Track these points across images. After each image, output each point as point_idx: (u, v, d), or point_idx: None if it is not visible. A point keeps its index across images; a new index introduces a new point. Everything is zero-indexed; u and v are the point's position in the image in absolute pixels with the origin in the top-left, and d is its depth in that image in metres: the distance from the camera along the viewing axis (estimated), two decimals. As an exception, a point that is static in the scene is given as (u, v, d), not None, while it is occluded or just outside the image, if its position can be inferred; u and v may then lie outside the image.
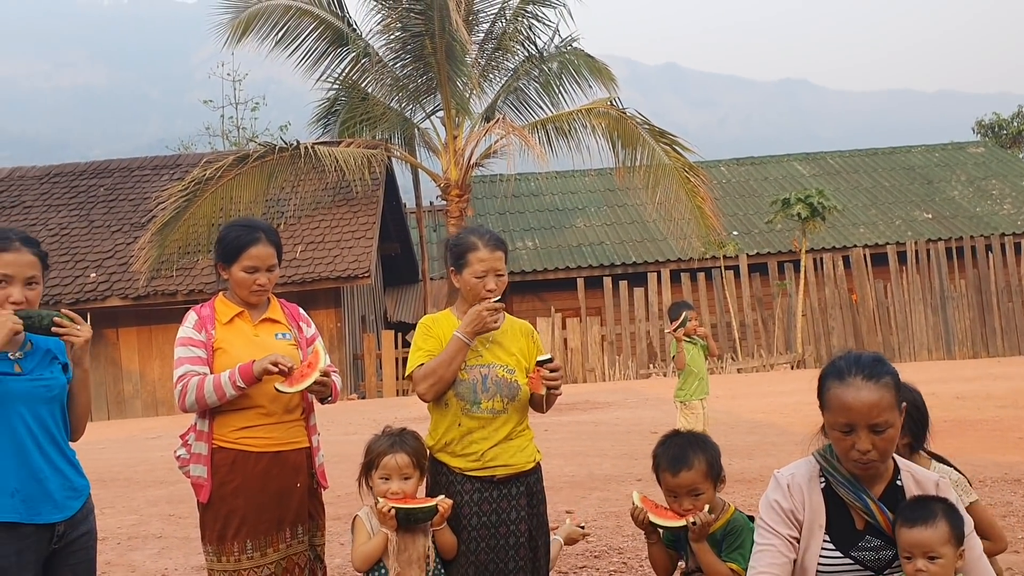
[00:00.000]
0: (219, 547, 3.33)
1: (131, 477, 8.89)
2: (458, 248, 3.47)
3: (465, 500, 3.27)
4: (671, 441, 3.12)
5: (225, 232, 3.52)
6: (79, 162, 21.50)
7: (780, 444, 8.78)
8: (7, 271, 2.82)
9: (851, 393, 2.44)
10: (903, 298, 19.95)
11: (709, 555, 2.98)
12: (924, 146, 27.69)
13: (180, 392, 3.30)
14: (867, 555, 2.49)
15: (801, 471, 2.62)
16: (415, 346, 3.41)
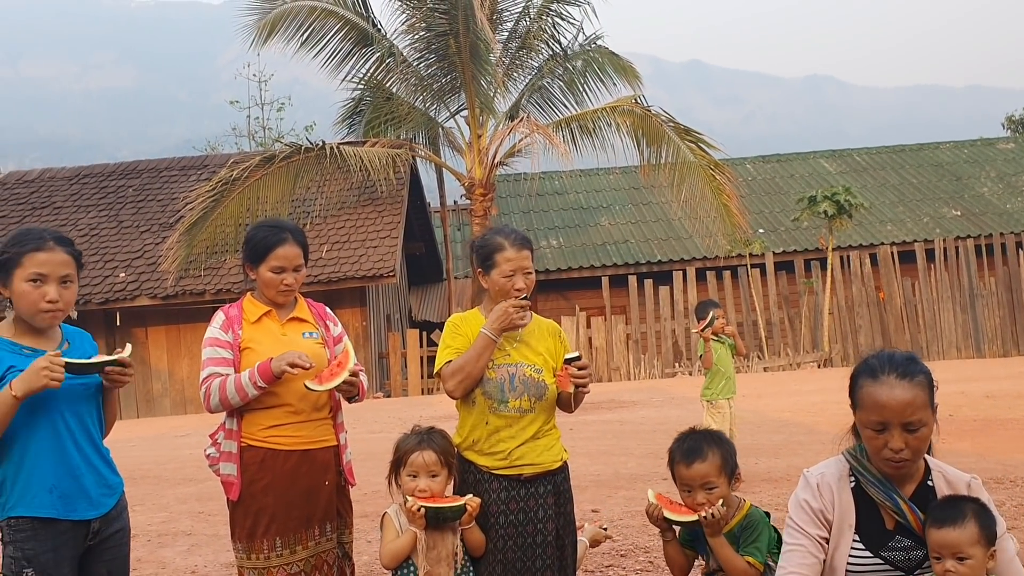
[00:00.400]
0: (249, 544, 3.36)
1: (160, 475, 8.98)
2: (485, 249, 3.48)
3: (492, 499, 3.28)
4: (686, 436, 3.15)
5: (252, 233, 3.55)
6: (108, 163, 21.74)
7: (807, 443, 8.73)
8: (42, 270, 2.85)
9: (885, 391, 2.42)
10: (931, 296, 19.75)
11: (726, 549, 2.98)
12: (953, 142, 27.40)
13: (205, 394, 3.35)
14: (897, 555, 2.48)
15: (831, 470, 2.60)
16: (443, 344, 3.42)
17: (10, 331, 2.91)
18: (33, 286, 2.84)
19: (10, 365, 2.81)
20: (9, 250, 2.86)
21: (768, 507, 6.02)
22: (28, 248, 2.85)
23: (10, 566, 2.79)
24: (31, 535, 2.79)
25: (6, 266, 2.85)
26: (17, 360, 2.82)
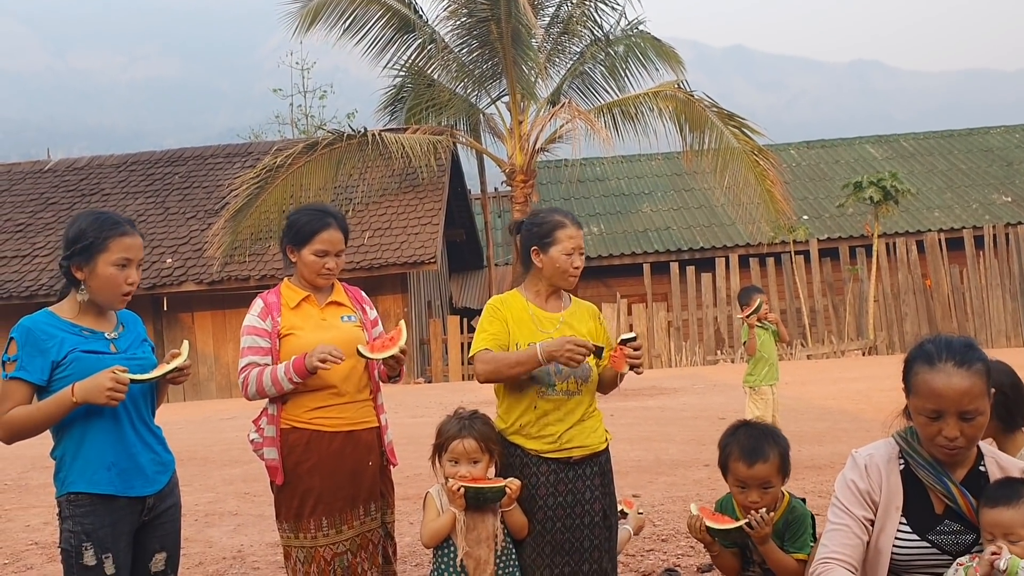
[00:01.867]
0: (296, 524, 3.40)
1: (207, 456, 9.12)
2: (544, 226, 3.45)
3: (541, 481, 3.27)
4: (744, 431, 3.07)
5: (297, 216, 3.58)
6: (154, 151, 22.06)
7: (851, 431, 8.64)
8: (128, 254, 2.95)
9: (942, 379, 2.37)
10: (980, 283, 19.40)
11: (776, 553, 2.96)
12: (1003, 127, 26.82)
13: (243, 383, 3.41)
14: (945, 539, 2.44)
15: (880, 452, 2.56)
16: (481, 327, 3.39)
17: (71, 312, 2.96)
18: (119, 270, 2.93)
19: (72, 347, 2.87)
20: (93, 235, 2.91)
21: (811, 495, 5.99)
22: (114, 233, 2.93)
23: (69, 540, 2.86)
24: (90, 510, 2.86)
25: (89, 251, 2.90)
26: (79, 341, 2.89)
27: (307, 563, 3.40)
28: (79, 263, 2.92)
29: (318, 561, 3.39)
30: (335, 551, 3.39)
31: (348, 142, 17.87)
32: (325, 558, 3.39)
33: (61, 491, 2.91)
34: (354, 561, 3.43)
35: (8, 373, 2.84)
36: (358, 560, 3.44)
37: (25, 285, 16.86)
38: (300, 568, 3.42)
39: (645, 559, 5.07)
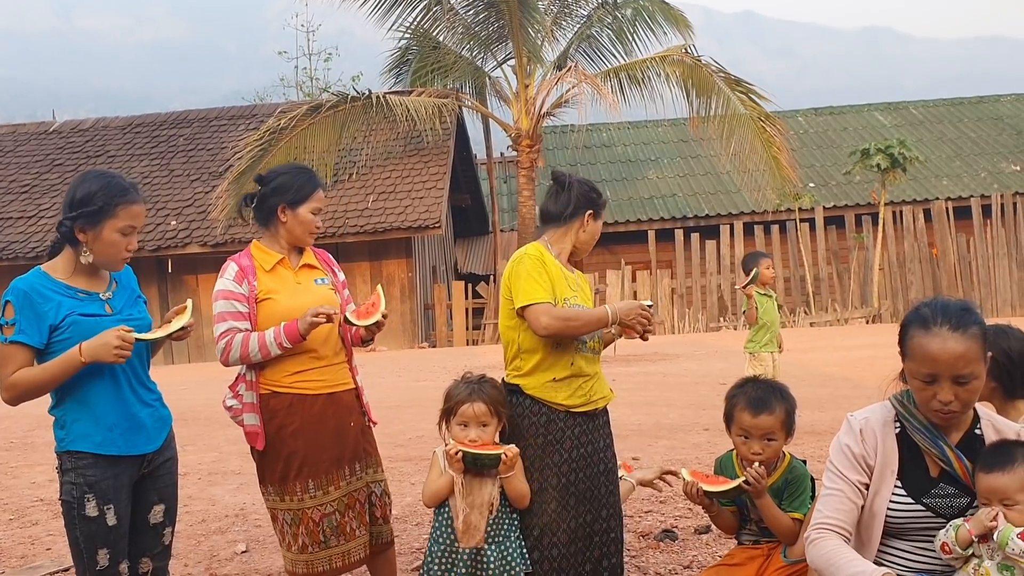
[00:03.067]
0: (281, 487, 3.42)
1: (211, 417, 9.18)
2: (601, 197, 3.59)
3: (567, 435, 3.31)
4: (752, 385, 3.11)
5: (290, 176, 3.53)
6: (160, 113, 22.01)
7: (852, 398, 8.66)
8: (135, 222, 2.95)
9: (936, 343, 2.35)
10: (987, 252, 19.34)
11: (772, 509, 2.98)
12: (1014, 95, 26.57)
13: (224, 349, 3.35)
14: (940, 502, 2.44)
15: (876, 415, 2.56)
16: (530, 277, 3.27)
17: (65, 272, 2.95)
18: (122, 237, 2.93)
19: (69, 311, 2.88)
20: (102, 199, 2.89)
21: (811, 459, 6.01)
22: (124, 200, 2.91)
23: (71, 492, 2.89)
24: (92, 463, 2.89)
25: (96, 215, 2.89)
26: (75, 305, 2.89)
27: (295, 525, 3.42)
28: (84, 226, 2.90)
29: (306, 523, 3.41)
30: (323, 512, 3.41)
31: (352, 104, 17.79)
32: (313, 519, 3.41)
33: (62, 447, 2.93)
34: (342, 521, 3.45)
35: (7, 337, 2.83)
36: (346, 519, 3.46)
37: (31, 246, 16.90)
38: (288, 530, 3.44)
39: (643, 520, 5.11)
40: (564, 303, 3.31)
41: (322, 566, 3.45)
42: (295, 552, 3.44)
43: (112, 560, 2.91)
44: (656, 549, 4.60)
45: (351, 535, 3.49)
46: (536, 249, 3.38)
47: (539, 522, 3.28)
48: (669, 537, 4.76)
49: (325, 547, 3.44)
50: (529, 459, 3.29)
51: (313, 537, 3.42)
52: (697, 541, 4.70)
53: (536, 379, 3.32)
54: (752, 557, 3.08)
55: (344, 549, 3.48)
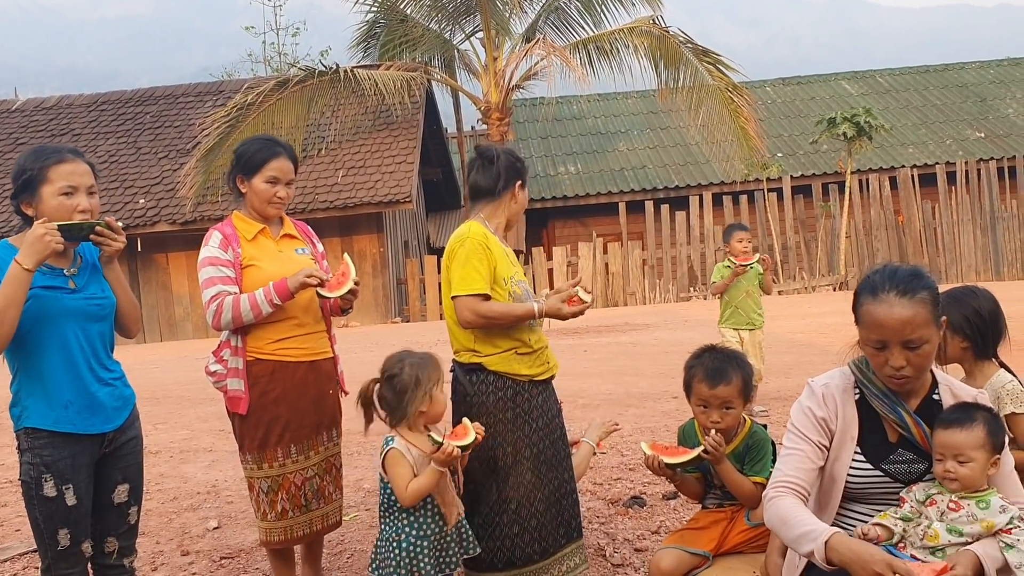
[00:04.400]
0: (260, 455, 3.48)
1: (183, 395, 9.19)
2: (525, 167, 3.57)
3: (534, 405, 3.37)
4: (709, 355, 3.13)
5: (246, 147, 3.59)
6: (125, 90, 21.71)
7: (818, 363, 8.79)
8: (71, 181, 2.87)
9: (884, 309, 2.36)
10: (951, 219, 19.59)
11: (732, 474, 3.03)
12: (978, 62, 26.82)
13: (215, 312, 3.39)
14: (898, 468, 2.47)
15: (835, 381, 2.57)
16: (472, 266, 3.27)
17: None
18: (66, 199, 2.86)
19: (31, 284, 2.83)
20: (31, 167, 2.86)
21: (776, 424, 6.12)
22: (51, 162, 2.86)
23: (29, 472, 2.87)
24: (48, 443, 2.86)
25: (31, 184, 2.86)
26: (37, 278, 2.83)
27: (271, 492, 3.49)
28: (26, 199, 2.88)
29: (288, 487, 3.49)
30: (305, 476, 3.51)
31: (320, 79, 17.64)
32: (295, 483, 3.50)
33: (19, 425, 2.91)
34: (321, 484, 3.58)
35: None
36: (325, 483, 3.59)
37: (-5, 227, 16.68)
38: (264, 498, 3.51)
39: (612, 487, 5.19)
40: (509, 281, 3.35)
41: (301, 530, 3.55)
42: (272, 520, 3.51)
43: (73, 540, 2.89)
44: (625, 516, 4.68)
45: (329, 499, 3.62)
46: (478, 230, 3.35)
47: (516, 495, 3.32)
48: (638, 503, 4.84)
49: (306, 511, 3.54)
50: (500, 434, 3.31)
51: (295, 501, 3.51)
52: (665, 507, 4.78)
53: (499, 355, 3.33)
54: (716, 520, 3.14)
55: (323, 512, 3.60)
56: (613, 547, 4.25)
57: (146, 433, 7.21)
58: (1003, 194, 19.84)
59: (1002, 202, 19.76)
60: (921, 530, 2.40)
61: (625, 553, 4.17)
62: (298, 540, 3.58)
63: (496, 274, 3.31)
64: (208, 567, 4.35)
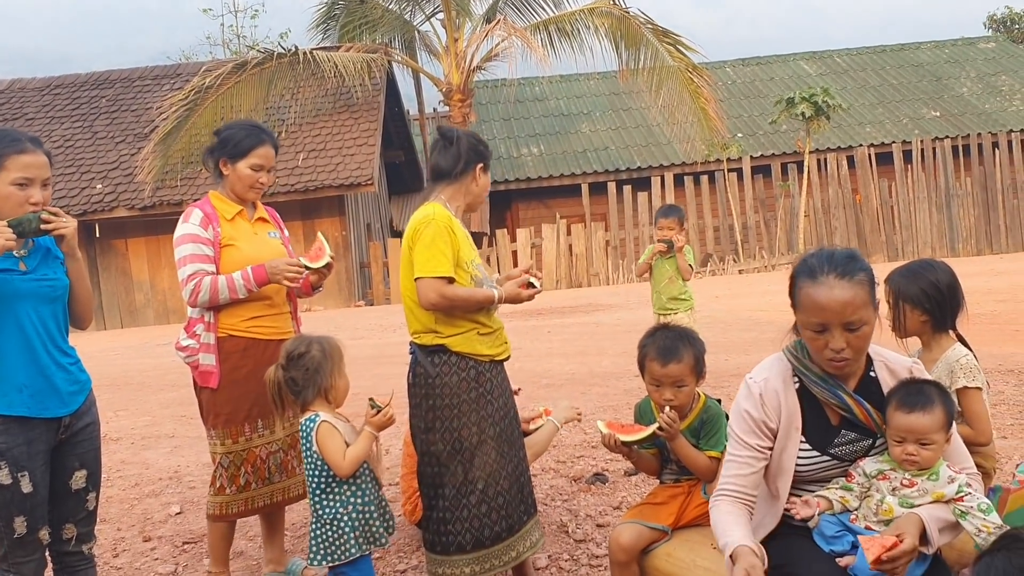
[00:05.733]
0: (226, 430, 3.58)
1: (144, 382, 9.10)
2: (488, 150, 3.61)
3: (495, 384, 3.41)
4: (661, 333, 3.15)
5: (233, 131, 3.67)
6: (80, 73, 21.32)
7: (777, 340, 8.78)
8: (27, 173, 2.83)
9: (823, 292, 2.35)
10: (907, 197, 19.89)
11: (686, 449, 3.07)
12: (933, 42, 27.15)
13: (192, 290, 3.48)
14: (844, 449, 2.49)
15: (774, 373, 2.56)
16: (437, 248, 3.26)
17: None
18: (19, 189, 2.82)
19: None
20: None
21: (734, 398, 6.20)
22: (10, 151, 2.81)
23: None
24: (3, 430, 2.82)
25: None
26: None
27: (233, 467, 3.59)
28: None
29: (253, 460, 3.61)
30: (270, 450, 3.64)
31: (279, 61, 17.47)
32: (261, 457, 3.62)
33: None
34: (286, 459, 3.70)
35: None
36: (289, 458, 3.70)
37: (-52, 214, 16.36)
38: (225, 473, 3.60)
39: (575, 465, 5.24)
40: (470, 265, 3.36)
41: (262, 501, 3.65)
42: (233, 493, 3.59)
43: (30, 527, 2.85)
44: (587, 492, 4.73)
45: (292, 472, 3.72)
46: (443, 213, 3.35)
47: (482, 474, 3.35)
48: (600, 480, 4.89)
49: (269, 483, 3.65)
50: (465, 414, 3.33)
51: (259, 474, 3.62)
52: (627, 483, 4.85)
53: (461, 336, 3.35)
54: (674, 495, 3.18)
55: (285, 485, 3.72)
56: (575, 523, 4.30)
57: (107, 420, 7.19)
58: (957, 172, 20.17)
59: (956, 180, 20.10)
60: (875, 504, 2.44)
61: (587, 529, 4.23)
62: (258, 511, 3.69)
63: (459, 258, 3.32)
64: (171, 552, 4.34)
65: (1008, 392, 6.42)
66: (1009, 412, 5.89)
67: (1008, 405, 6.07)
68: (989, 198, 20.10)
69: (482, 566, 3.35)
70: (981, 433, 2.98)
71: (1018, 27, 32.08)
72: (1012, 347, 8.18)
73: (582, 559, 3.93)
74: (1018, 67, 25.18)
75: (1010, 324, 9.47)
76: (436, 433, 3.35)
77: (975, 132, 21.29)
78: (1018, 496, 2.69)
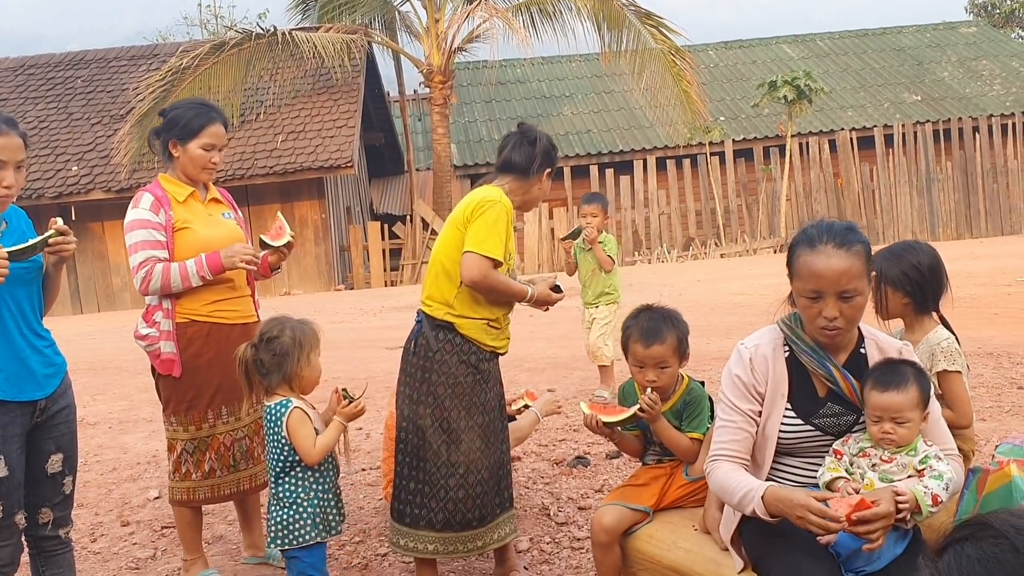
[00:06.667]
0: (187, 416, 3.50)
1: (121, 366, 9.02)
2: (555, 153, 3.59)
3: (491, 375, 3.43)
4: (645, 314, 3.14)
5: (180, 111, 3.55)
6: (54, 53, 21.04)
7: (758, 324, 8.83)
8: (2, 156, 2.78)
9: (821, 260, 2.40)
10: (888, 181, 19.97)
11: (668, 431, 3.06)
12: (915, 26, 27.20)
13: (143, 278, 3.39)
14: (828, 421, 2.51)
15: (765, 341, 2.60)
16: (497, 231, 3.28)
17: None
18: None
19: None
20: None
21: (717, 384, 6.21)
22: None
23: None
24: None
25: None
26: None
27: (198, 452, 3.53)
28: None
29: (217, 447, 3.54)
30: (234, 437, 3.57)
31: (258, 42, 17.27)
32: (225, 444, 3.55)
33: None
34: (251, 445, 3.63)
35: None
36: (254, 444, 3.64)
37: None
38: (189, 459, 3.53)
39: (557, 448, 5.24)
40: (511, 259, 3.41)
41: (229, 489, 3.59)
42: (198, 479, 3.54)
43: (6, 512, 2.83)
44: (569, 475, 4.73)
45: (258, 459, 3.66)
46: (508, 201, 3.39)
47: (464, 460, 3.34)
48: (582, 463, 4.89)
49: (234, 471, 3.59)
50: (458, 396, 3.33)
51: (223, 461, 3.56)
52: (608, 466, 4.85)
53: (472, 322, 3.36)
54: (656, 477, 3.17)
55: (251, 472, 3.65)
56: (557, 506, 4.29)
57: (84, 404, 7.12)
58: (938, 156, 20.26)
59: (937, 164, 20.19)
60: (857, 480, 2.45)
61: (569, 512, 4.22)
62: (225, 498, 3.63)
63: (507, 248, 3.36)
64: (149, 537, 4.30)
65: (987, 375, 6.47)
66: (988, 395, 5.93)
67: (987, 388, 6.11)
68: (969, 182, 20.21)
69: (446, 547, 3.36)
70: (962, 416, 2.98)
71: (998, 12, 32.21)
72: (991, 330, 8.24)
73: (564, 541, 3.92)
74: (998, 52, 25.30)
75: (989, 308, 9.54)
76: (426, 407, 3.36)
77: (956, 116, 21.39)
78: (996, 477, 2.69)
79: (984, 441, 4.73)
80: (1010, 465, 2.68)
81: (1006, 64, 24.52)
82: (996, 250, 15.71)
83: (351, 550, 3.95)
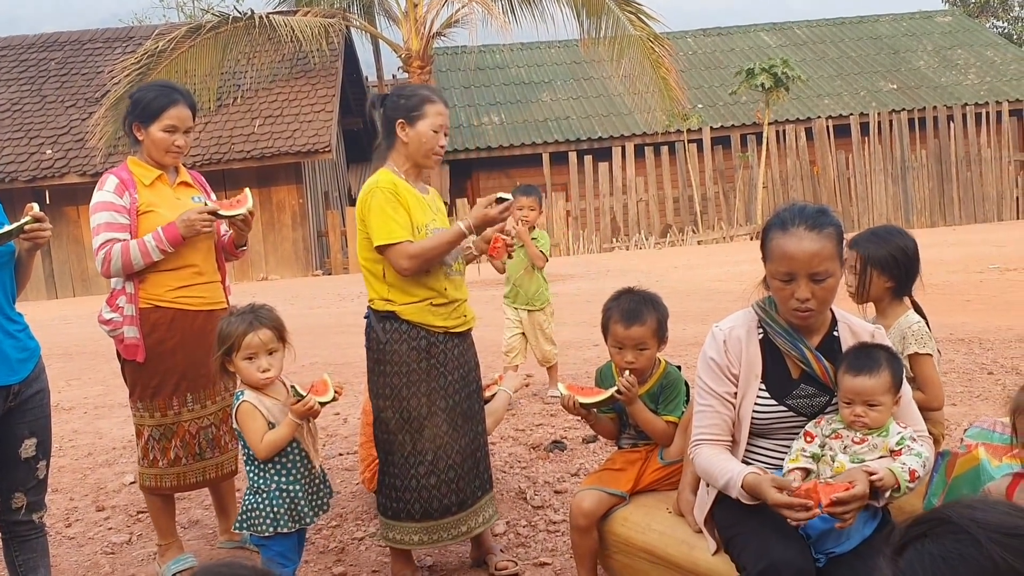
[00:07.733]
0: (152, 403, 3.48)
1: (96, 351, 8.96)
2: (412, 99, 3.36)
3: (449, 356, 3.36)
4: (626, 296, 3.17)
5: (143, 93, 3.53)
6: (28, 35, 20.75)
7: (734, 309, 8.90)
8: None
9: (793, 242, 2.43)
10: (864, 169, 20.11)
11: (644, 414, 3.10)
12: (891, 15, 27.32)
13: (103, 259, 3.36)
14: (801, 402, 2.55)
15: (739, 323, 2.64)
16: (386, 215, 3.21)
17: None
18: None
19: None
20: None
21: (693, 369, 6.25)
22: None
23: None
24: None
25: None
26: None
27: (164, 440, 3.50)
28: None
29: (182, 435, 3.51)
30: (200, 425, 3.53)
31: (235, 25, 17.12)
32: (190, 432, 3.52)
33: None
34: (217, 434, 3.61)
35: None
36: (221, 433, 3.62)
37: None
38: (156, 445, 3.52)
39: (534, 433, 5.26)
40: (424, 229, 3.29)
41: (195, 478, 3.58)
42: (164, 466, 3.52)
43: None
44: (546, 460, 4.76)
45: (224, 448, 3.64)
46: (387, 177, 3.30)
47: (432, 446, 3.33)
48: (558, 447, 4.92)
49: (200, 459, 3.56)
50: (414, 383, 3.30)
51: (189, 449, 3.53)
52: (585, 450, 4.88)
53: (413, 306, 3.30)
54: (631, 461, 3.21)
55: (217, 461, 3.63)
56: (534, 490, 4.32)
57: (59, 389, 7.08)
58: (913, 144, 20.41)
59: (912, 152, 20.34)
60: (828, 461, 2.49)
61: (545, 495, 4.25)
62: (191, 487, 3.62)
63: (412, 221, 3.27)
64: (124, 521, 4.29)
65: (958, 360, 6.56)
66: (959, 380, 6.02)
67: (958, 373, 6.20)
68: (943, 170, 20.39)
69: (430, 536, 3.36)
70: (934, 398, 3.03)
71: (974, 1, 32.40)
72: (963, 317, 8.34)
73: (540, 525, 3.95)
74: (973, 41, 25.48)
75: (961, 295, 9.65)
76: (386, 400, 3.35)
77: (931, 105, 21.54)
78: (965, 460, 2.74)
79: (955, 425, 4.80)
80: (978, 448, 2.72)
81: (981, 54, 24.70)
82: (969, 238, 15.88)
83: (328, 534, 3.97)
